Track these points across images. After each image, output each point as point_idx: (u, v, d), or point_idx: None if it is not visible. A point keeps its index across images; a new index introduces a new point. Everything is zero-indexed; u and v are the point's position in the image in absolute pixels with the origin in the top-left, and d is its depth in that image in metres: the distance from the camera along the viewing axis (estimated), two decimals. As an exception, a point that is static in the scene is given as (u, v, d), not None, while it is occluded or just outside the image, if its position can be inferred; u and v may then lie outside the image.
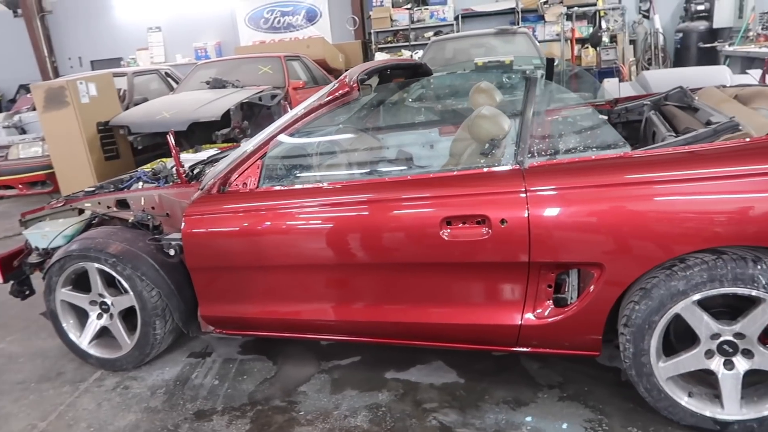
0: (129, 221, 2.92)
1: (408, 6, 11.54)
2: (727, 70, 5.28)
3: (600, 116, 2.61)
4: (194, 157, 3.61)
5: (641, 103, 3.30)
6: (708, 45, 9.34)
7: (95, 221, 3.11)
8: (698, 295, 2.00)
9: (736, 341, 2.04)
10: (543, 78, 3.10)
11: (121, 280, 2.78)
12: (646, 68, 10.14)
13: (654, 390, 2.16)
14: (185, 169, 3.05)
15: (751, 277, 1.93)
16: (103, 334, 3.01)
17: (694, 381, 2.20)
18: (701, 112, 2.64)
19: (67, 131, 6.17)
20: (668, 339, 2.18)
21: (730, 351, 2.05)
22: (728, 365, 2.06)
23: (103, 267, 2.79)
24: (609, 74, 9.02)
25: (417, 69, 3.64)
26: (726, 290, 1.97)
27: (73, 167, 6.25)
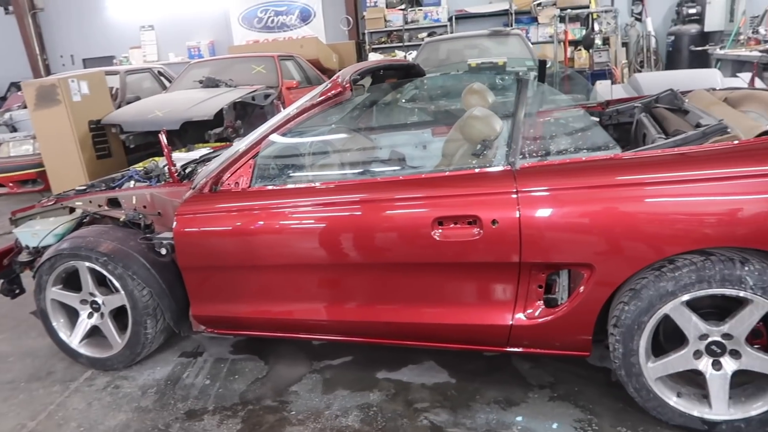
0: (120, 220, 2.91)
1: (402, 7, 11.57)
2: (718, 73, 5.32)
3: (591, 118, 2.63)
4: (186, 156, 3.60)
5: (632, 106, 3.33)
6: (699, 48, 9.41)
7: (86, 220, 3.10)
8: (687, 296, 2.02)
9: (724, 342, 2.06)
10: (535, 80, 3.12)
11: (112, 279, 2.77)
12: (639, 71, 10.21)
13: (643, 390, 2.18)
14: (177, 168, 3.05)
15: (739, 279, 1.95)
16: (94, 334, 3.00)
17: (683, 381, 2.22)
18: (691, 115, 2.66)
19: (59, 129, 6.14)
20: (657, 339, 2.20)
21: (718, 351, 2.07)
22: (716, 366, 2.08)
23: (94, 266, 2.78)
24: (602, 76, 9.04)
25: (410, 70, 3.65)
26: (714, 291, 1.99)
27: (65, 166, 6.21)
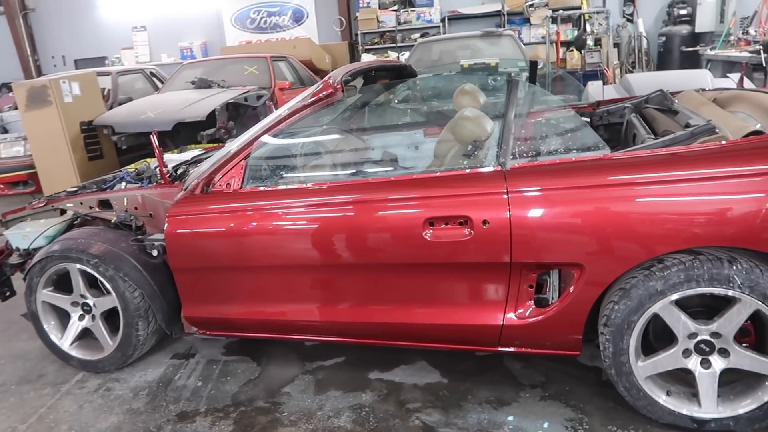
0: (112, 222, 2.90)
1: (395, 8, 11.58)
2: (709, 74, 5.36)
3: (580, 119, 2.64)
4: (178, 158, 3.60)
5: (622, 106, 3.35)
6: (690, 49, 9.47)
7: (77, 222, 3.09)
8: (676, 295, 2.03)
9: (713, 340, 2.08)
10: (526, 81, 3.13)
11: (104, 281, 2.76)
12: (630, 71, 10.27)
13: (633, 389, 2.20)
14: (169, 170, 3.04)
15: (727, 278, 1.96)
16: (85, 336, 2.98)
17: (672, 380, 2.23)
18: (681, 115, 2.68)
19: (50, 131, 6.11)
20: (647, 338, 2.22)
21: (707, 350, 2.08)
22: (705, 364, 2.10)
23: (85, 268, 2.77)
24: (594, 77, 9.10)
25: (402, 70, 3.66)
26: (702, 290, 2.00)
27: (56, 167, 6.18)
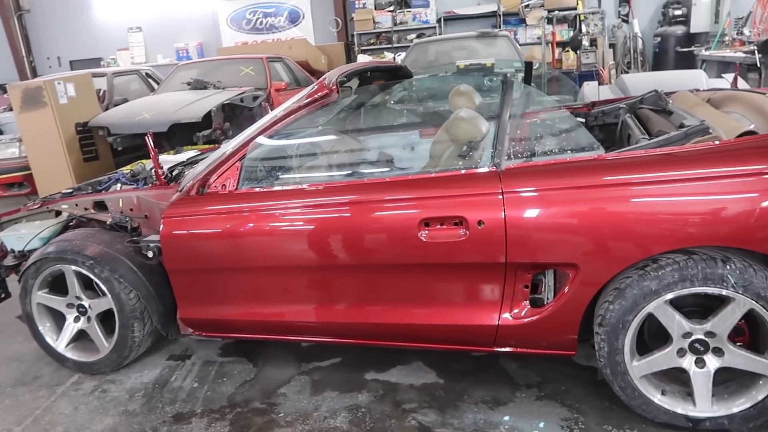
0: (107, 223, 2.90)
1: (391, 8, 11.58)
2: (704, 74, 5.37)
3: (575, 119, 2.65)
4: (174, 159, 3.59)
5: (617, 107, 3.36)
6: (685, 49, 9.51)
7: (72, 223, 3.08)
8: (670, 295, 2.04)
9: (707, 340, 2.08)
10: (521, 81, 3.14)
11: (99, 283, 2.76)
12: (626, 71, 10.30)
13: (628, 388, 2.20)
14: (164, 171, 3.04)
15: (721, 277, 1.97)
16: (81, 338, 2.98)
17: (667, 379, 2.24)
18: (675, 116, 2.69)
19: (45, 132, 6.09)
20: (642, 338, 2.23)
21: (702, 349, 2.09)
22: (699, 363, 2.11)
23: (81, 269, 2.76)
24: (589, 77, 9.11)
25: (397, 71, 3.67)
26: (697, 290, 2.01)
27: (51, 169, 6.16)
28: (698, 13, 9.69)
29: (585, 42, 10.09)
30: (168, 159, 3.59)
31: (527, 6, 10.88)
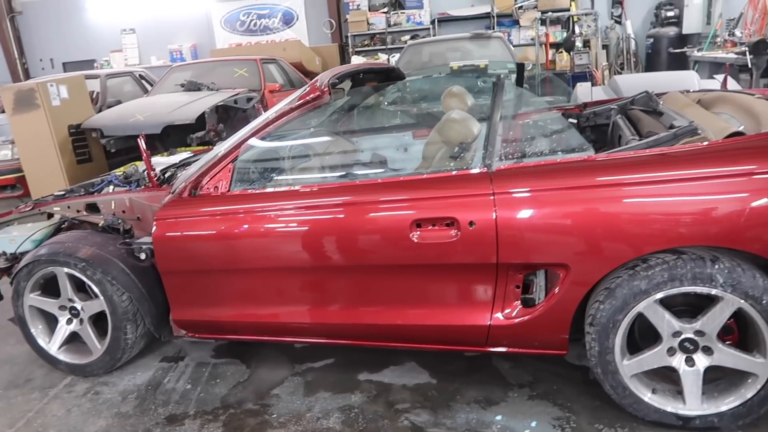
0: (99, 225, 2.90)
1: (385, 10, 11.60)
2: (696, 75, 5.41)
3: (565, 120, 2.67)
4: (167, 161, 3.59)
5: (609, 108, 3.37)
6: (678, 50, 9.57)
7: (65, 225, 3.07)
8: (660, 294, 2.06)
9: (697, 339, 2.10)
10: (512, 82, 3.15)
11: (91, 285, 2.75)
12: (619, 72, 10.35)
13: (619, 387, 2.22)
14: (157, 173, 3.04)
15: (710, 276, 1.99)
16: (73, 340, 2.97)
17: (658, 378, 2.26)
18: (665, 116, 2.71)
19: (38, 134, 6.06)
20: (632, 337, 2.24)
21: (691, 348, 2.11)
22: (689, 362, 2.12)
23: (73, 271, 2.76)
24: (582, 78, 9.16)
25: (389, 73, 3.68)
26: (686, 289, 2.03)
27: (44, 171, 6.14)
28: (690, 15, 9.77)
29: (578, 43, 10.14)
30: (161, 161, 3.59)
31: (521, 7, 10.92)
